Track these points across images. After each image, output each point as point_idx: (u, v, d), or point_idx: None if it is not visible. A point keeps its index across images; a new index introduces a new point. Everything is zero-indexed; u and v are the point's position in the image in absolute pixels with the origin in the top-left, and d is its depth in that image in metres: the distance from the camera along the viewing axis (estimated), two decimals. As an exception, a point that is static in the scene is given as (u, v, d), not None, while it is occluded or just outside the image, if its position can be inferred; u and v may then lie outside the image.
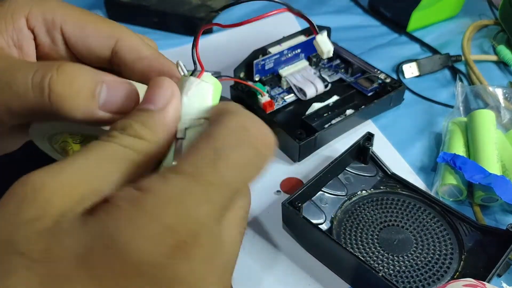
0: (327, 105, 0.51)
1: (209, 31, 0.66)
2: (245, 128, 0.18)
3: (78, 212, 0.16)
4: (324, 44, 0.25)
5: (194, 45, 0.22)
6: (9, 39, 0.23)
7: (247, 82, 0.51)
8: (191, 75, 0.21)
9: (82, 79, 0.20)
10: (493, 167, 0.43)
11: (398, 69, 0.60)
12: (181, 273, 0.16)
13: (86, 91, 0.20)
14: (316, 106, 0.51)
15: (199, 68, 0.22)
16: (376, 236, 0.40)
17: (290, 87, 0.54)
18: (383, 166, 0.45)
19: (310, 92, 0.52)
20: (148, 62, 0.24)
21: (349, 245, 0.40)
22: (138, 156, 0.18)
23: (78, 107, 0.20)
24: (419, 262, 0.39)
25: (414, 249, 0.39)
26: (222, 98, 0.21)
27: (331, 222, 0.42)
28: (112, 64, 0.25)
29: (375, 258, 0.39)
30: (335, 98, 0.52)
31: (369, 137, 0.45)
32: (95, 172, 0.17)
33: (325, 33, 0.25)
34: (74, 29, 0.24)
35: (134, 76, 0.25)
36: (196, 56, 0.22)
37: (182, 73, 0.22)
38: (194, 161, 0.17)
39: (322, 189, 0.44)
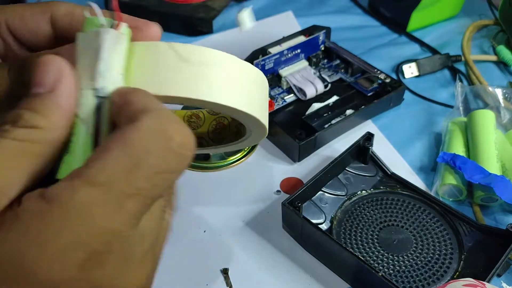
0: (327, 105, 0.51)
1: (209, 31, 0.66)
2: (164, 131, 0.16)
3: None
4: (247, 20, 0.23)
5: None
6: None
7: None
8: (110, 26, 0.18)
9: None
10: (493, 167, 0.43)
11: (398, 69, 0.60)
12: (96, 281, 0.15)
13: None
14: (316, 106, 0.51)
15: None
16: (376, 236, 0.40)
17: (290, 87, 0.54)
18: (383, 166, 0.45)
19: (310, 92, 0.52)
20: (80, 19, 0.23)
21: (349, 245, 0.40)
22: (37, 147, 0.16)
23: None
24: (419, 262, 0.39)
25: (414, 249, 0.39)
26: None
27: (331, 222, 0.42)
28: (58, 39, 0.24)
29: (375, 258, 0.39)
30: (335, 98, 0.52)
31: (369, 137, 0.45)
32: None
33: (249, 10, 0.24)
34: (15, 20, 0.23)
35: None
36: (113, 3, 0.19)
37: (99, 22, 0.19)
38: (107, 169, 0.15)
39: (322, 189, 0.44)
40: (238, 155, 0.49)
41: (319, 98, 0.53)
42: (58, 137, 0.17)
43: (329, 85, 0.54)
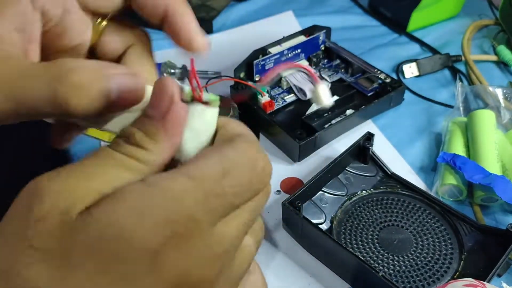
0: (327, 105, 0.51)
1: (209, 31, 0.66)
2: (252, 155, 0.20)
3: (83, 208, 0.17)
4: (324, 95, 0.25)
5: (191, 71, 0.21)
6: (8, 24, 0.22)
7: (247, 82, 0.51)
8: (192, 99, 0.21)
9: (91, 84, 0.19)
10: (493, 167, 0.43)
11: (398, 69, 0.60)
12: (171, 261, 0.17)
13: (98, 94, 0.20)
14: (316, 106, 0.51)
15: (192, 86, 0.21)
16: (376, 236, 0.40)
17: (290, 87, 0.54)
18: (383, 166, 0.45)
19: (310, 92, 0.52)
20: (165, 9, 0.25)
21: (349, 245, 0.40)
22: (141, 166, 0.19)
23: (94, 111, 0.20)
24: (419, 262, 0.39)
25: (414, 249, 0.39)
26: (223, 98, 0.21)
27: (331, 222, 0.42)
28: (125, 12, 0.26)
29: (375, 258, 0.39)
30: (335, 98, 0.52)
31: (369, 137, 0.45)
32: (100, 177, 0.18)
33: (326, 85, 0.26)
34: None
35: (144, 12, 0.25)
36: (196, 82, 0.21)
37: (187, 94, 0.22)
38: (203, 169, 0.18)
39: (322, 189, 0.44)
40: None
41: (319, 98, 0.53)
42: (161, 160, 0.19)
43: (329, 85, 0.54)
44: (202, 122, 0.21)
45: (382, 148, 0.49)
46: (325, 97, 0.27)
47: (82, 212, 0.17)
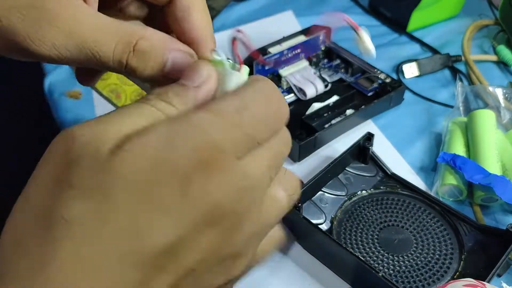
0: (327, 105, 0.51)
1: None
2: (269, 94, 0.21)
3: (113, 146, 0.18)
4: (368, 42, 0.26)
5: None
6: None
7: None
8: (232, 68, 0.23)
9: (155, 54, 0.23)
10: (493, 167, 0.43)
11: (398, 69, 0.60)
12: (201, 187, 0.18)
13: (157, 65, 0.23)
14: (316, 106, 0.51)
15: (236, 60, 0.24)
16: (376, 236, 0.40)
17: (290, 87, 0.54)
18: (383, 166, 0.45)
19: (310, 92, 0.52)
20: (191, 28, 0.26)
21: (349, 245, 0.40)
22: (163, 119, 0.20)
23: (147, 75, 0.23)
24: (419, 262, 0.39)
25: (414, 249, 0.39)
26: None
27: (331, 222, 0.42)
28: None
29: (375, 258, 0.39)
30: (335, 98, 0.52)
31: (369, 137, 0.45)
32: (128, 122, 0.19)
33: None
34: None
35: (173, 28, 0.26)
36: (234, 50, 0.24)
37: (219, 58, 0.24)
38: (221, 103, 0.19)
39: (322, 189, 0.44)
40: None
41: (319, 98, 0.53)
42: None
43: (329, 85, 0.54)
44: (235, 85, 0.22)
45: (382, 148, 0.49)
46: (370, 44, 0.28)
47: (113, 149, 0.18)
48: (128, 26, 0.23)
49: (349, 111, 0.51)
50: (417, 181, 0.46)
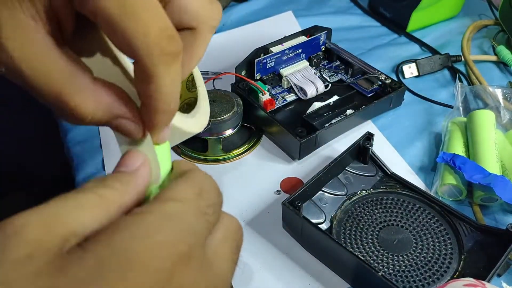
0: (328, 105, 0.51)
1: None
2: (207, 178, 0.22)
3: (75, 242, 0.17)
4: None
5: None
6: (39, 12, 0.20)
7: (249, 79, 0.51)
8: None
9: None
10: (493, 167, 0.43)
11: (398, 69, 0.60)
12: (183, 279, 0.18)
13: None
14: (317, 105, 0.51)
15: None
16: (376, 236, 0.41)
17: (291, 87, 0.54)
18: (383, 166, 0.45)
19: (311, 92, 0.52)
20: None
21: (349, 244, 0.40)
22: (109, 204, 0.19)
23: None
24: (419, 262, 0.39)
25: (414, 249, 0.39)
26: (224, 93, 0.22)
27: (331, 222, 0.42)
28: None
29: (375, 258, 0.39)
30: (335, 98, 0.52)
31: (369, 137, 0.45)
32: (75, 214, 0.18)
33: None
34: None
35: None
36: None
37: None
38: (182, 192, 0.20)
39: (322, 189, 0.44)
40: (237, 151, 0.49)
41: (319, 98, 0.53)
42: (128, 202, 0.20)
43: (330, 85, 0.54)
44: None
45: (382, 148, 0.49)
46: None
47: (75, 246, 0.17)
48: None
49: (349, 111, 0.51)
50: (417, 181, 0.47)
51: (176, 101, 0.22)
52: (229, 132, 0.49)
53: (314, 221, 0.40)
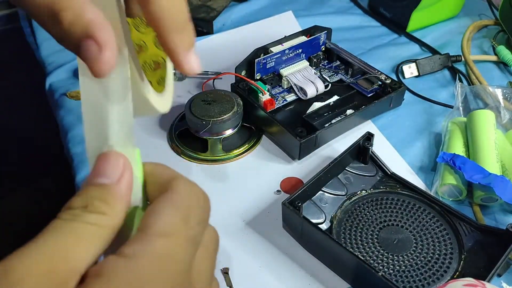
0: (328, 105, 0.51)
1: (209, 32, 0.66)
2: (195, 193, 0.21)
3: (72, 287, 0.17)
4: None
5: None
6: None
7: (249, 79, 0.51)
8: None
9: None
10: (493, 167, 0.43)
11: (398, 69, 0.60)
12: None
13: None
14: (317, 105, 0.51)
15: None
16: (376, 236, 0.41)
17: (291, 87, 0.54)
18: (383, 166, 0.45)
19: (311, 92, 0.52)
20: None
21: (349, 244, 0.40)
22: (103, 230, 0.19)
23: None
24: (419, 262, 0.39)
25: (414, 249, 0.39)
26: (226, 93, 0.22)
27: (331, 221, 0.42)
28: None
29: (375, 258, 0.39)
30: (335, 98, 0.52)
31: (369, 137, 0.45)
32: (67, 252, 0.17)
33: None
34: None
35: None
36: None
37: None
38: (169, 223, 0.19)
39: (322, 189, 0.44)
40: (237, 151, 0.49)
41: (319, 98, 0.53)
42: (119, 222, 0.20)
43: (330, 85, 0.54)
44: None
45: (382, 148, 0.49)
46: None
47: None
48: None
49: (349, 111, 0.51)
50: (417, 181, 0.47)
51: (184, 14, 0.21)
52: (229, 132, 0.49)
53: (314, 221, 0.40)
